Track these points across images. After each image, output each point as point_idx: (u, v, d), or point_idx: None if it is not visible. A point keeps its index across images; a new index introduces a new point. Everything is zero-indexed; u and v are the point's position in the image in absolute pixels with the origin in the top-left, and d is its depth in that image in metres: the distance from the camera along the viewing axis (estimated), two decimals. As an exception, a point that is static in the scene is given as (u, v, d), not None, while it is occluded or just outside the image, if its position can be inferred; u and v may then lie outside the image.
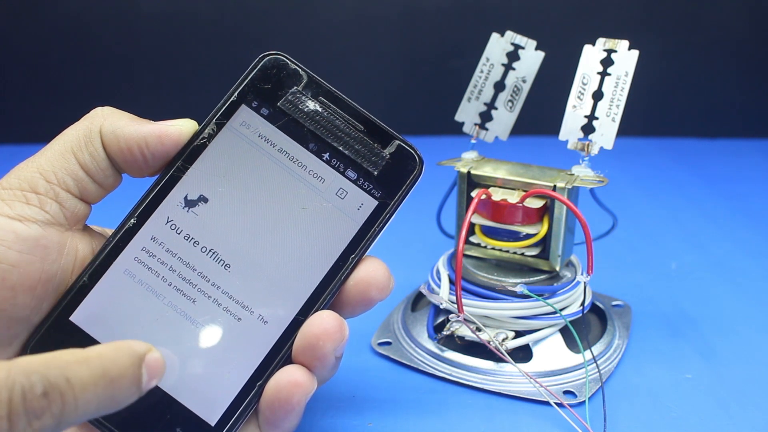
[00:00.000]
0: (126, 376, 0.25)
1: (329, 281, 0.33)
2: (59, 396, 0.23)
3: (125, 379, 0.25)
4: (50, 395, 0.23)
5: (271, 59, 0.35)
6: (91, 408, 0.24)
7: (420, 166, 0.35)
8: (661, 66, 0.92)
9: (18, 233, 0.30)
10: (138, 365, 0.26)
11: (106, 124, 0.33)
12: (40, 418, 0.22)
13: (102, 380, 0.24)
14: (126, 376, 0.25)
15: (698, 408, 0.41)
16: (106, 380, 0.24)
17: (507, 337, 0.43)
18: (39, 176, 0.31)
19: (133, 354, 0.26)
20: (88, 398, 0.24)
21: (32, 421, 0.22)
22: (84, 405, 0.24)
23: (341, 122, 0.34)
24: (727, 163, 0.87)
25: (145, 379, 0.26)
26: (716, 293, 0.55)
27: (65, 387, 0.23)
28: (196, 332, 0.33)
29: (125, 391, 0.26)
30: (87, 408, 0.24)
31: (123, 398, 0.26)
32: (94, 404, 0.24)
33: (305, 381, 0.32)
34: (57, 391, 0.23)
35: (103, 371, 0.24)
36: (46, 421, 0.23)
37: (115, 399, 0.25)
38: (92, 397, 0.24)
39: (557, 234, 0.44)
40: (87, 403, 0.24)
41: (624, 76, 0.43)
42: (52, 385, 0.23)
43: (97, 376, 0.24)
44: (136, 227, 0.33)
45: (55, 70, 0.93)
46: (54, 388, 0.23)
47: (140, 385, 0.26)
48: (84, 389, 0.24)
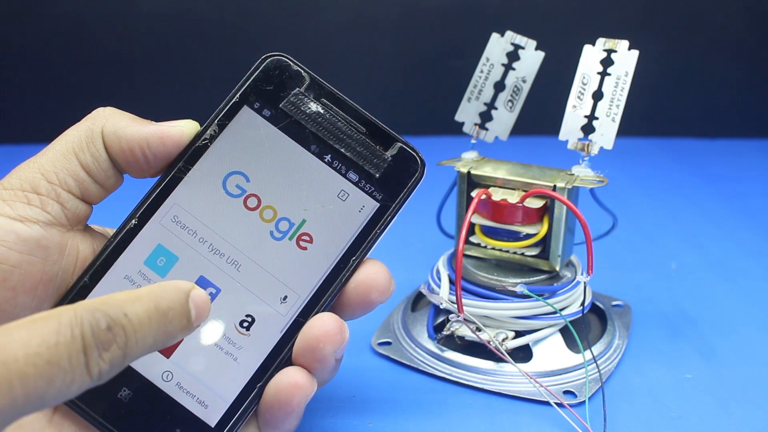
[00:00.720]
0: (175, 308, 0.27)
1: (330, 283, 0.33)
2: (121, 329, 0.25)
3: (175, 311, 0.27)
4: (113, 329, 0.25)
5: (274, 60, 0.35)
6: (149, 340, 0.26)
7: (422, 169, 0.35)
8: (661, 66, 0.91)
9: (19, 234, 0.30)
10: (185, 299, 0.28)
11: (108, 125, 0.33)
12: (108, 349, 0.24)
13: (155, 313, 0.26)
14: (175, 308, 0.27)
15: (698, 408, 0.41)
16: (158, 313, 0.26)
17: (507, 337, 0.43)
18: (40, 177, 0.31)
19: (179, 289, 0.28)
20: (146, 331, 0.26)
21: (102, 353, 0.24)
22: (143, 337, 0.26)
23: (343, 124, 0.34)
24: (727, 163, 0.87)
25: (193, 313, 0.28)
26: (716, 293, 0.55)
27: (125, 321, 0.25)
28: (197, 333, 0.33)
29: (177, 324, 0.27)
30: (146, 340, 0.26)
31: (176, 331, 0.27)
32: (151, 337, 0.26)
33: (305, 383, 0.32)
34: (119, 324, 0.25)
35: (155, 305, 0.26)
36: (115, 353, 0.25)
37: (169, 332, 0.27)
38: (148, 329, 0.26)
39: (557, 234, 0.44)
40: (145, 335, 0.26)
41: (624, 76, 0.43)
42: (113, 320, 0.25)
43: (151, 310, 0.26)
44: (138, 228, 0.33)
45: (55, 70, 0.93)
46: (115, 322, 0.25)
47: (190, 319, 0.28)
48: (141, 323, 0.26)
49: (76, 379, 0.24)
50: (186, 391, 0.32)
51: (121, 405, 0.31)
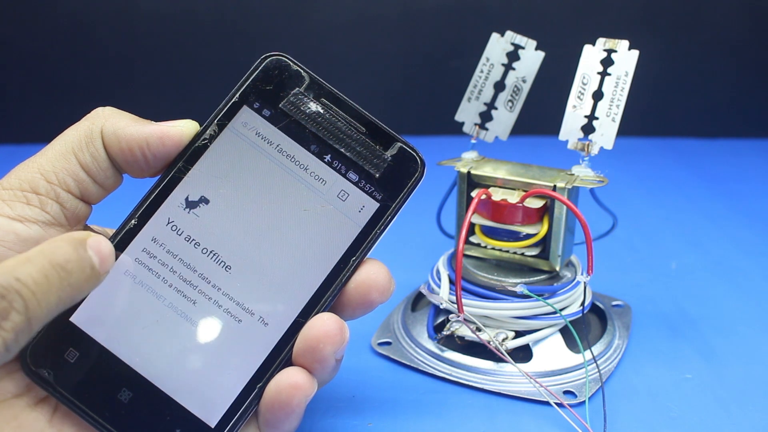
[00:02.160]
0: (72, 259, 0.26)
1: (330, 283, 0.33)
2: (16, 294, 0.24)
3: (73, 263, 0.26)
4: (7, 296, 0.24)
5: (273, 60, 0.35)
6: (52, 299, 0.25)
7: (422, 169, 0.34)
8: (661, 66, 0.92)
9: (18, 234, 0.30)
10: (81, 247, 0.27)
11: (108, 125, 0.33)
12: (7, 318, 0.24)
13: (51, 270, 0.25)
14: (72, 259, 0.26)
15: (698, 408, 0.41)
16: (55, 269, 0.25)
17: (507, 337, 0.43)
18: (40, 177, 0.31)
19: (71, 240, 0.27)
20: (45, 290, 0.25)
21: (1, 323, 0.23)
22: (44, 297, 0.25)
23: (343, 124, 0.34)
24: (727, 163, 0.87)
25: (95, 259, 0.27)
26: (716, 293, 0.55)
27: (18, 285, 0.24)
28: (196, 333, 0.33)
29: (80, 274, 0.26)
30: (48, 299, 0.25)
31: (81, 283, 0.26)
32: (54, 294, 0.25)
33: (305, 383, 0.32)
34: (12, 290, 0.24)
35: (48, 261, 0.25)
36: (16, 319, 0.24)
37: (73, 285, 0.26)
38: (48, 288, 0.25)
39: (557, 234, 0.44)
40: (46, 294, 0.25)
41: (624, 76, 0.43)
42: (4, 287, 0.24)
43: (46, 268, 0.25)
44: (137, 228, 0.33)
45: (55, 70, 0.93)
46: (7, 289, 0.24)
47: (94, 267, 0.27)
48: (37, 283, 0.25)
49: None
50: (186, 392, 0.32)
51: (120, 406, 0.31)
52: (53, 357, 0.31)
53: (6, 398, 0.30)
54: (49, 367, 0.31)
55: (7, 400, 0.30)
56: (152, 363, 0.32)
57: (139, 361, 0.32)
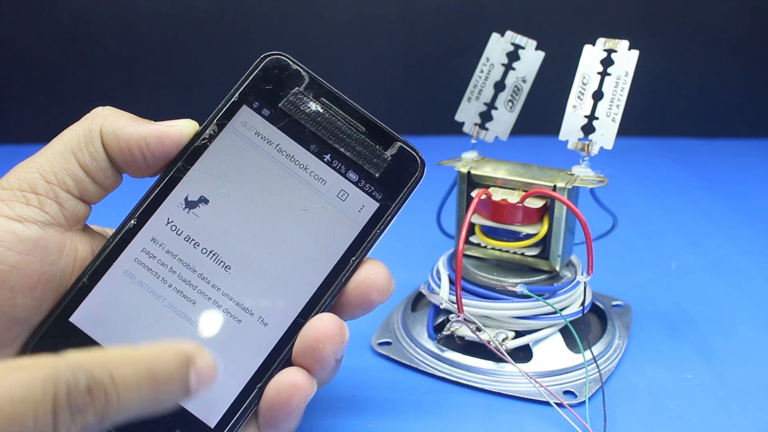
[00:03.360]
0: (173, 377, 0.25)
1: (330, 283, 0.33)
2: (103, 393, 0.23)
3: (172, 380, 0.25)
4: (94, 392, 0.22)
5: (273, 60, 0.35)
6: (134, 407, 0.24)
7: (422, 168, 0.34)
8: (661, 66, 0.91)
9: (18, 234, 0.30)
10: (185, 367, 0.25)
11: (107, 124, 0.33)
12: (83, 414, 0.22)
13: (147, 380, 0.24)
14: (173, 377, 0.25)
15: (698, 408, 0.41)
16: (151, 380, 0.24)
17: (507, 337, 0.43)
18: (39, 177, 0.31)
19: (180, 355, 0.25)
20: (132, 397, 0.23)
21: (75, 416, 0.22)
22: (127, 403, 0.23)
23: (343, 123, 0.34)
24: (727, 163, 0.87)
25: (194, 381, 0.25)
26: (716, 293, 0.55)
27: (109, 384, 0.23)
28: (196, 334, 0.33)
29: (171, 392, 0.25)
30: (130, 406, 0.23)
31: (169, 399, 0.25)
32: (137, 403, 0.24)
33: (305, 383, 0.32)
34: (101, 387, 0.22)
35: (148, 371, 0.24)
36: (89, 417, 0.22)
37: (160, 399, 0.25)
38: (136, 396, 0.23)
39: (557, 234, 0.44)
40: (130, 401, 0.23)
41: (624, 76, 0.43)
42: (96, 381, 0.22)
43: (143, 376, 0.24)
44: (137, 228, 0.33)
45: (55, 70, 0.93)
46: (98, 384, 0.22)
47: (188, 388, 0.25)
48: (128, 388, 0.23)
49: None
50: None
51: (120, 405, 0.31)
52: None
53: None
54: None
55: (6, 400, 0.30)
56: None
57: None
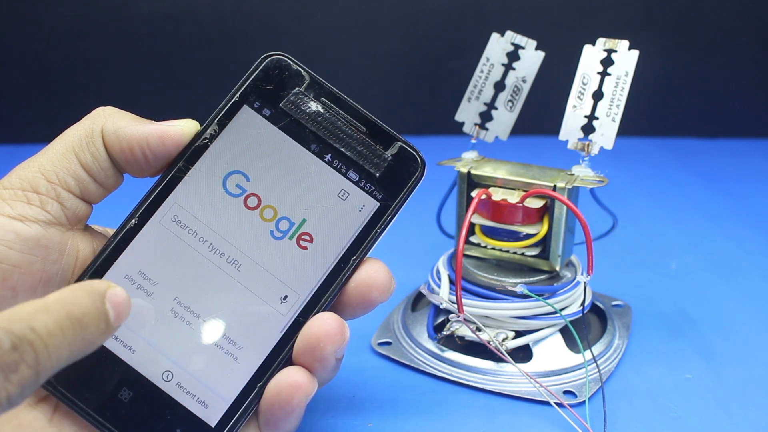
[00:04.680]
0: (90, 314, 0.25)
1: (330, 283, 0.33)
2: (28, 346, 0.23)
3: (90, 317, 0.25)
4: (19, 347, 0.22)
5: (274, 60, 0.35)
6: (64, 353, 0.24)
7: (422, 168, 0.34)
8: (661, 66, 0.92)
9: (19, 233, 0.30)
10: (100, 301, 0.26)
11: (108, 124, 0.33)
12: (16, 371, 0.22)
13: (67, 323, 0.24)
14: (90, 314, 0.25)
15: (698, 408, 0.41)
16: (71, 322, 0.24)
17: (507, 337, 0.43)
18: (40, 176, 0.31)
19: (92, 291, 0.26)
20: (58, 343, 0.24)
21: (9, 375, 0.22)
22: (56, 351, 0.24)
23: (343, 123, 0.34)
24: (727, 163, 0.87)
25: (112, 314, 0.26)
26: (716, 293, 0.55)
27: (32, 336, 0.23)
28: (197, 333, 0.33)
29: (94, 329, 0.25)
30: (60, 353, 0.24)
31: (94, 337, 0.25)
32: (66, 348, 0.24)
33: (305, 383, 0.32)
34: (25, 342, 0.23)
35: (66, 314, 0.24)
36: (24, 373, 0.22)
37: (87, 339, 0.25)
38: (62, 341, 0.24)
39: (557, 234, 0.44)
40: (59, 348, 0.24)
41: (624, 76, 0.43)
42: (18, 337, 0.23)
43: (62, 320, 0.24)
44: (138, 227, 0.33)
45: (55, 70, 0.93)
46: (21, 340, 0.23)
47: (109, 322, 0.26)
48: (51, 335, 0.23)
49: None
50: (186, 391, 0.32)
51: (121, 405, 0.31)
52: None
53: (6, 398, 0.30)
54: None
55: (7, 399, 0.30)
56: (152, 362, 0.32)
57: (139, 361, 0.32)
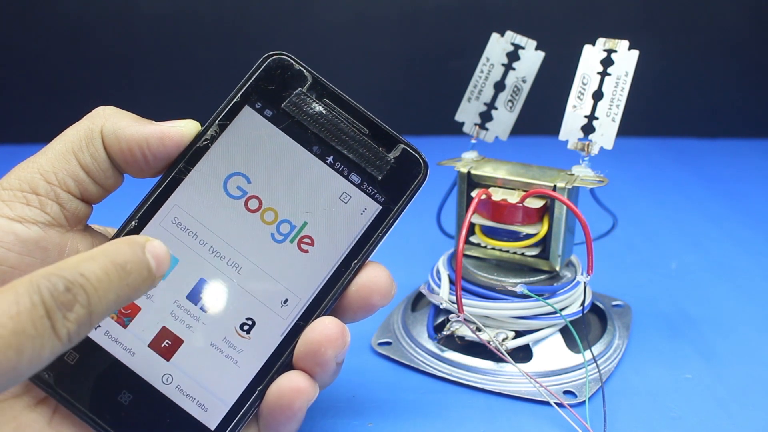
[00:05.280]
0: (132, 261, 0.27)
1: (331, 286, 0.33)
2: (81, 288, 0.25)
3: (133, 264, 0.27)
4: (72, 289, 0.25)
5: (276, 60, 0.34)
6: (111, 296, 0.26)
7: (425, 171, 0.34)
8: (661, 66, 0.91)
9: (18, 235, 0.30)
10: (140, 250, 0.28)
11: (108, 125, 0.33)
12: (72, 309, 0.24)
13: (112, 268, 0.26)
14: (132, 261, 0.27)
15: (698, 408, 0.41)
16: (116, 268, 0.26)
17: (507, 337, 0.43)
18: (39, 177, 0.31)
19: (132, 242, 0.28)
20: (106, 287, 0.26)
21: (66, 314, 0.24)
22: (104, 293, 0.26)
23: (346, 125, 0.34)
24: (727, 163, 0.87)
25: (153, 263, 0.28)
26: (716, 293, 0.55)
27: (83, 280, 0.25)
28: (197, 335, 0.33)
29: (137, 276, 0.27)
30: (108, 296, 0.26)
31: (138, 283, 0.27)
32: (113, 292, 0.26)
33: (307, 387, 0.32)
34: (77, 284, 0.25)
35: (110, 260, 0.26)
36: (79, 312, 0.25)
37: (131, 285, 0.27)
38: (108, 285, 0.26)
39: (557, 234, 0.44)
40: (106, 291, 0.26)
41: (624, 76, 0.43)
42: (70, 281, 0.25)
43: (107, 266, 0.26)
44: (138, 229, 0.33)
45: (55, 70, 0.93)
46: (73, 283, 0.25)
47: (151, 269, 0.28)
48: (99, 279, 0.26)
49: (46, 344, 0.24)
50: (186, 394, 0.32)
51: (121, 408, 0.31)
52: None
53: (5, 399, 0.30)
54: (49, 369, 0.30)
55: (6, 400, 0.30)
56: (152, 365, 0.32)
57: (138, 364, 0.32)
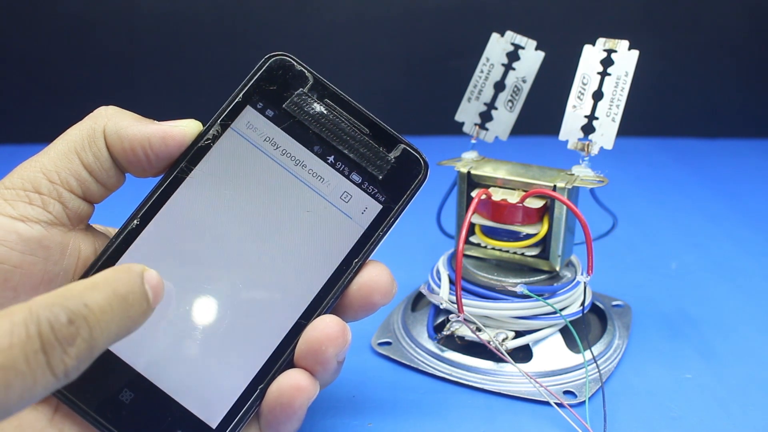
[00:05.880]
0: (134, 291, 0.26)
1: (332, 285, 0.33)
2: (84, 321, 0.24)
3: (134, 294, 0.26)
4: (75, 322, 0.24)
5: (277, 60, 0.35)
6: (113, 328, 0.25)
7: (425, 171, 0.34)
8: (661, 66, 0.92)
9: (20, 234, 0.30)
10: (140, 281, 0.27)
11: (110, 124, 0.33)
12: (73, 344, 0.23)
13: (115, 299, 0.25)
14: (134, 291, 0.26)
15: (698, 408, 0.41)
16: (118, 299, 0.25)
17: (507, 337, 0.43)
18: (42, 176, 0.31)
19: (132, 272, 0.27)
20: (108, 319, 0.25)
21: (66, 348, 0.23)
22: (107, 326, 0.25)
23: (347, 125, 0.34)
24: (727, 163, 0.87)
25: (150, 294, 0.27)
26: (716, 293, 0.55)
27: (86, 311, 0.24)
28: (199, 334, 0.33)
29: (137, 308, 0.26)
30: (110, 329, 0.25)
31: (137, 315, 0.27)
32: (115, 325, 0.25)
33: (307, 385, 0.32)
34: (80, 316, 0.24)
35: (113, 291, 0.25)
36: (81, 346, 0.24)
37: (131, 317, 0.26)
38: (111, 317, 0.25)
39: (557, 234, 0.44)
40: (109, 323, 0.25)
41: (624, 76, 0.43)
42: (73, 312, 0.24)
43: (110, 297, 0.25)
44: (140, 228, 0.33)
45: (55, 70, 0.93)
46: (76, 314, 0.24)
47: (149, 300, 0.27)
48: (103, 311, 0.25)
49: (39, 381, 0.22)
50: (187, 392, 0.32)
51: (122, 406, 0.31)
52: None
53: (7, 398, 0.30)
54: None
55: (8, 399, 0.30)
56: (154, 364, 0.32)
57: (140, 362, 0.32)
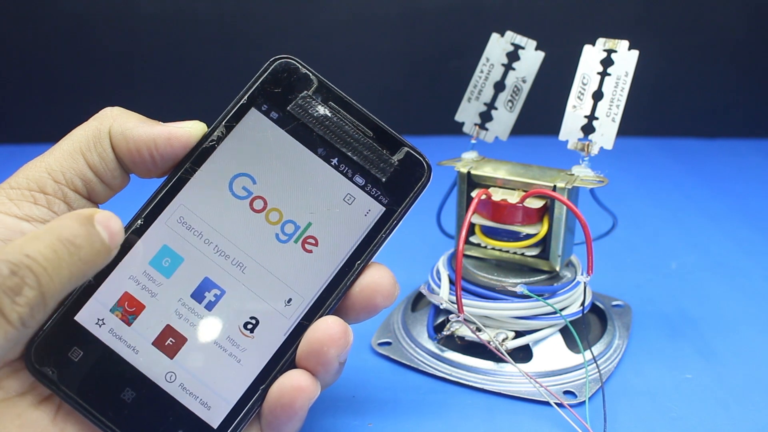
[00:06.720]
0: (81, 235, 0.26)
1: (335, 287, 0.34)
2: (27, 270, 0.24)
3: (82, 237, 0.26)
4: (18, 272, 0.24)
5: (282, 63, 0.35)
6: (64, 272, 0.25)
7: (428, 174, 0.35)
8: (661, 66, 0.92)
9: (25, 234, 0.30)
10: (89, 222, 0.27)
11: (116, 125, 0.33)
12: (20, 293, 0.24)
13: (59, 245, 0.25)
14: (81, 235, 0.26)
15: (698, 408, 0.41)
16: (63, 244, 0.25)
17: (507, 337, 0.43)
18: (47, 176, 0.31)
19: (79, 216, 0.27)
20: (56, 265, 0.25)
21: (15, 298, 0.24)
22: (56, 271, 0.25)
23: (350, 128, 0.35)
24: (727, 163, 0.87)
25: (105, 234, 0.27)
26: (716, 293, 0.55)
27: (29, 261, 0.24)
28: (201, 334, 0.33)
29: (90, 249, 0.26)
30: (60, 273, 0.25)
31: (93, 257, 0.26)
32: (66, 269, 0.25)
33: (309, 386, 0.32)
34: (22, 266, 0.24)
35: (56, 237, 0.25)
36: (29, 294, 0.24)
37: (85, 260, 0.26)
38: (58, 262, 0.25)
39: (557, 234, 0.44)
40: (57, 269, 0.25)
41: (624, 76, 0.43)
42: (14, 263, 0.24)
43: (54, 243, 0.25)
44: (143, 228, 0.33)
45: (55, 70, 0.93)
46: (17, 265, 0.24)
47: (104, 241, 0.27)
48: (46, 258, 0.25)
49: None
50: (189, 392, 0.32)
51: (124, 405, 0.31)
52: (57, 355, 0.31)
53: (10, 396, 0.30)
54: (53, 366, 0.31)
55: (10, 398, 0.30)
56: (155, 363, 0.32)
57: (142, 361, 0.32)
